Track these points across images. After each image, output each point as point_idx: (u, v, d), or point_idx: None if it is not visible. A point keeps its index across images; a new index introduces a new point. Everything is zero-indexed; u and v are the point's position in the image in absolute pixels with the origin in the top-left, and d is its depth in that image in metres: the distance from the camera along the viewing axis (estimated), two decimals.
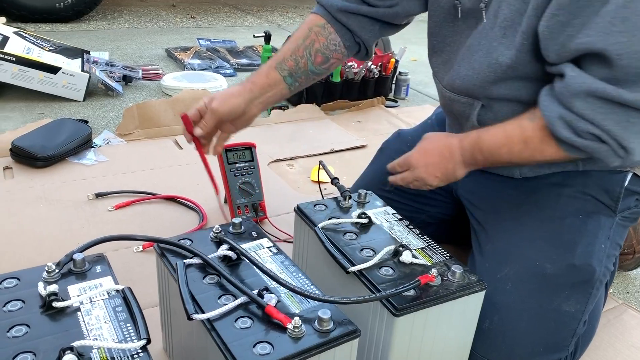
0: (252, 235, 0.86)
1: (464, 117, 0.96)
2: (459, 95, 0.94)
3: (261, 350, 0.64)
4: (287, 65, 1.02)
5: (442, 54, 0.97)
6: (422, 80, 2.48)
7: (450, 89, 0.95)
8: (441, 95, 1.01)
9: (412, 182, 0.96)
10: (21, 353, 0.61)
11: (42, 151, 1.43)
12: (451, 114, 1.02)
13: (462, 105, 0.94)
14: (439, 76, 1.00)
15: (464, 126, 0.97)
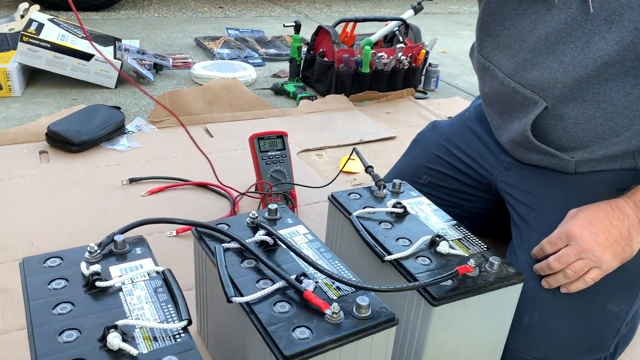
0: (287, 222, 0.86)
1: (517, 113, 0.92)
2: (524, 89, 0.89)
3: (300, 335, 0.64)
4: None
5: (498, 38, 0.92)
6: (452, 73, 2.45)
7: (516, 79, 0.90)
8: (496, 82, 0.95)
9: (575, 261, 0.78)
10: (67, 330, 0.62)
11: (76, 136, 1.45)
12: (501, 106, 0.97)
13: (524, 100, 0.90)
14: (495, 61, 0.94)
15: (511, 125, 0.94)
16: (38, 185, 1.30)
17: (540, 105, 0.88)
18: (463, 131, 1.11)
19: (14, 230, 1.13)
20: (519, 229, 0.94)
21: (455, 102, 2.07)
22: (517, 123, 0.94)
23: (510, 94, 0.93)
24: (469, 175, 1.08)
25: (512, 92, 0.92)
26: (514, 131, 0.95)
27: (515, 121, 0.95)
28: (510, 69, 0.92)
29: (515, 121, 0.95)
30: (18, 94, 1.80)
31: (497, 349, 0.85)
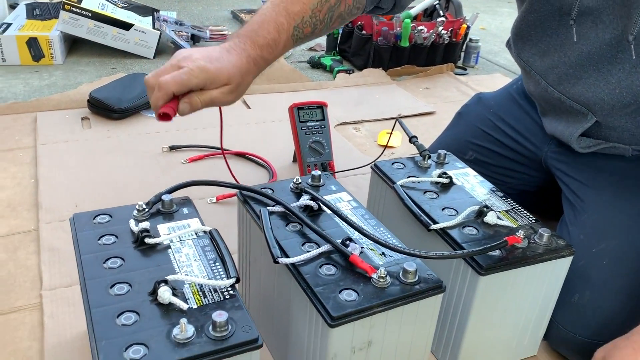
0: (331, 189, 0.86)
1: (566, 117, 0.90)
2: (571, 100, 0.86)
3: (347, 297, 0.64)
4: (304, 31, 0.76)
5: (539, 44, 0.89)
6: (492, 50, 2.39)
7: (560, 90, 0.87)
8: (539, 87, 0.93)
9: None
10: (118, 283, 0.63)
11: (117, 103, 1.46)
12: (548, 106, 0.95)
13: (572, 110, 0.87)
14: (536, 67, 0.91)
15: (558, 124, 0.91)
16: (81, 150, 1.32)
17: (590, 119, 0.86)
18: (510, 105, 1.08)
19: (59, 192, 1.15)
20: (572, 205, 0.91)
21: (496, 78, 2.02)
22: (563, 126, 0.92)
23: (557, 102, 0.91)
24: (516, 151, 1.05)
25: (558, 100, 0.90)
26: (560, 132, 0.94)
27: (562, 123, 0.93)
28: (553, 79, 0.89)
29: (562, 123, 0.93)
30: (60, 62, 1.83)
31: (541, 323, 0.83)
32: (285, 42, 0.73)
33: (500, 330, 0.79)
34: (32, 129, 1.40)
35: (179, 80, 0.65)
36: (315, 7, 0.74)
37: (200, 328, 0.57)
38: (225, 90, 0.69)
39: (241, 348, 0.56)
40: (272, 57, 0.72)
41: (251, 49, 0.70)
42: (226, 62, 0.67)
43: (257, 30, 0.71)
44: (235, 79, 0.68)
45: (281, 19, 0.72)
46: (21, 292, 0.90)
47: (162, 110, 0.64)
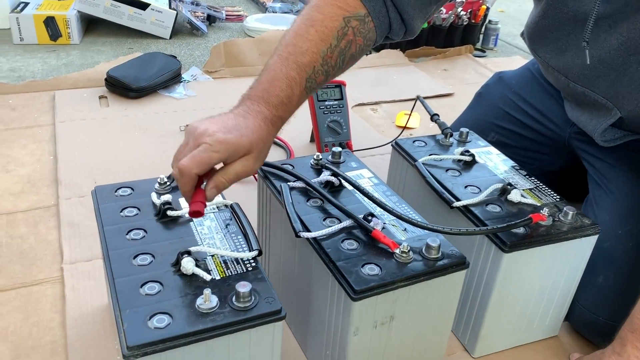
0: (352, 165, 0.85)
1: (590, 109, 0.88)
2: (595, 94, 0.84)
3: (370, 271, 0.63)
4: (317, 81, 0.69)
5: (556, 43, 0.86)
6: (511, 32, 2.35)
7: (583, 84, 0.84)
8: (560, 82, 0.90)
9: None
10: (141, 254, 0.63)
11: (135, 82, 1.46)
12: (571, 97, 0.92)
13: (596, 103, 0.85)
14: (555, 64, 0.88)
15: (581, 115, 0.89)
16: (99, 128, 1.32)
17: (614, 114, 0.84)
18: (532, 84, 1.06)
19: (78, 169, 1.16)
20: (598, 185, 0.89)
21: (515, 61, 1.99)
22: (586, 118, 0.90)
23: (580, 95, 0.88)
24: (539, 132, 1.03)
25: (582, 94, 0.87)
26: (582, 123, 0.91)
27: (585, 114, 0.90)
28: (574, 74, 0.86)
29: (585, 114, 0.90)
30: (77, 42, 1.83)
31: (564, 304, 0.82)
32: (299, 96, 0.67)
33: (522, 309, 0.79)
34: (50, 107, 1.41)
35: (199, 160, 0.59)
36: (325, 54, 0.68)
37: (224, 299, 0.57)
38: (249, 161, 0.62)
39: (265, 319, 0.56)
40: (288, 114, 0.67)
41: (266, 109, 0.64)
42: (244, 128, 0.62)
43: (268, 89, 0.65)
44: (256, 145, 0.62)
45: (292, 73, 0.66)
46: (43, 266, 0.91)
47: (192, 209, 0.58)
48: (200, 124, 0.62)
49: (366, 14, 0.70)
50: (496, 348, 0.82)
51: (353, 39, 0.69)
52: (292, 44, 0.68)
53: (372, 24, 0.71)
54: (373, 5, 0.70)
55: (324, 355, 0.71)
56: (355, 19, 0.69)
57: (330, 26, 0.68)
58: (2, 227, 0.98)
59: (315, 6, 0.69)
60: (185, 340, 0.53)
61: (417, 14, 0.73)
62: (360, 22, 0.69)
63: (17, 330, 0.79)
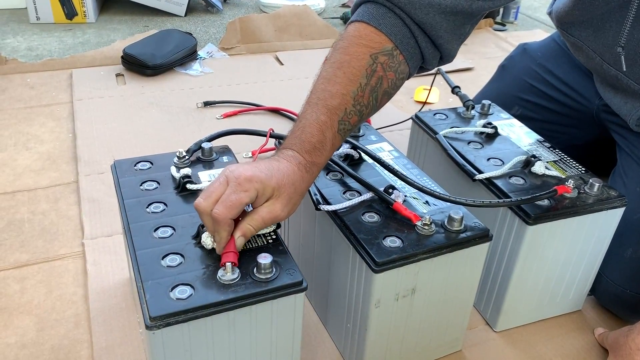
0: (371, 139, 0.84)
1: (622, 93, 0.85)
2: (628, 79, 0.81)
3: (391, 243, 0.63)
4: (351, 122, 0.67)
5: (593, 22, 0.83)
6: (532, 5, 2.30)
7: (617, 67, 0.82)
8: (593, 62, 0.88)
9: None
10: (162, 227, 0.63)
11: (151, 59, 1.45)
12: (602, 79, 0.90)
13: (628, 89, 0.82)
14: (589, 43, 0.86)
15: (614, 98, 0.86)
16: (116, 106, 1.32)
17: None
18: (558, 55, 1.03)
19: (97, 146, 1.16)
20: (629, 156, 0.87)
21: (536, 34, 1.94)
22: (619, 100, 0.87)
23: (613, 78, 0.85)
24: (566, 105, 1.00)
25: (615, 77, 0.84)
26: (615, 105, 0.89)
27: (618, 96, 0.87)
28: (610, 57, 0.82)
29: (618, 96, 0.87)
30: (92, 20, 1.83)
31: (588, 277, 0.81)
32: (332, 139, 0.65)
33: (545, 283, 0.77)
34: (68, 85, 1.41)
35: (230, 204, 0.56)
36: (356, 95, 0.66)
37: (245, 270, 0.57)
38: (275, 205, 0.59)
39: (286, 290, 0.56)
40: (323, 159, 0.64)
41: (299, 155, 0.62)
42: (275, 170, 0.60)
43: (300, 136, 0.63)
44: (285, 188, 0.60)
45: (323, 118, 0.64)
46: (64, 241, 0.91)
47: (224, 261, 0.56)
48: (234, 167, 0.60)
49: (393, 47, 0.67)
50: (518, 322, 0.81)
51: (383, 75, 0.67)
52: (321, 89, 0.66)
53: (402, 56, 0.68)
54: (400, 38, 0.67)
55: (345, 328, 0.71)
56: (383, 54, 0.66)
57: (357, 65, 0.66)
58: (24, 204, 0.99)
59: (341, 48, 0.67)
60: (207, 311, 0.53)
61: (451, 37, 0.70)
62: (388, 56, 0.67)
63: (41, 303, 0.80)
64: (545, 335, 0.81)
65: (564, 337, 0.80)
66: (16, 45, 1.63)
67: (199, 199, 0.58)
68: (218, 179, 0.59)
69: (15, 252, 0.88)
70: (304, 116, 0.65)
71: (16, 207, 0.98)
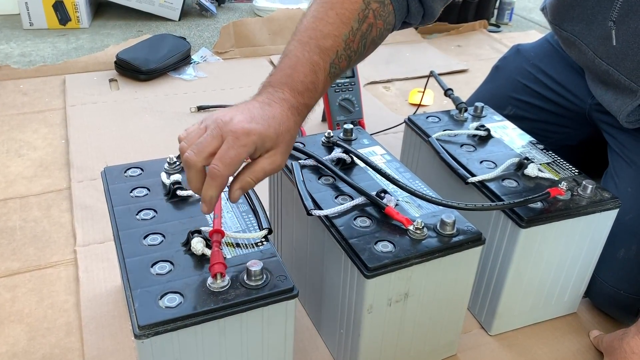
0: (363, 143, 0.83)
1: (613, 89, 0.85)
2: (619, 74, 0.81)
3: (383, 248, 0.62)
4: (340, 67, 0.65)
5: (584, 15, 0.83)
6: (526, 6, 2.30)
7: (609, 62, 0.82)
8: (585, 58, 0.87)
9: None
10: (151, 234, 0.62)
11: (144, 64, 1.45)
12: (593, 76, 0.90)
13: (619, 84, 0.82)
14: (583, 37, 0.85)
15: (604, 95, 0.86)
16: (110, 111, 1.32)
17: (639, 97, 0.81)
18: (551, 55, 1.03)
19: (90, 152, 1.16)
20: (619, 157, 0.87)
21: (531, 35, 1.94)
22: (610, 97, 0.87)
23: (604, 74, 0.85)
24: (559, 104, 1.00)
25: (606, 72, 0.84)
26: (606, 102, 0.88)
27: (609, 93, 0.87)
28: (602, 51, 0.82)
29: (609, 93, 0.87)
30: (86, 26, 1.82)
31: (583, 279, 0.80)
32: (324, 82, 0.62)
33: (539, 285, 0.77)
34: (61, 91, 1.40)
35: (229, 161, 0.53)
36: (347, 38, 0.64)
37: (235, 278, 0.56)
38: (276, 156, 0.57)
39: (277, 297, 0.55)
40: (314, 101, 0.62)
41: (291, 97, 0.60)
42: (270, 118, 0.56)
43: (291, 75, 0.61)
44: (283, 137, 0.57)
45: (315, 58, 0.61)
46: (56, 248, 0.91)
47: (215, 272, 0.53)
48: (222, 113, 0.56)
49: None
50: (513, 325, 0.81)
51: (374, 22, 0.65)
52: (312, 27, 0.63)
53: (392, 6, 0.67)
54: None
55: (338, 333, 0.71)
56: (375, 1, 0.65)
57: (350, 8, 0.64)
58: (15, 211, 0.99)
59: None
60: (197, 319, 0.53)
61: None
62: (380, 4, 0.66)
63: (32, 312, 0.79)
64: (541, 338, 0.80)
65: (559, 340, 0.80)
66: (9, 51, 1.63)
67: (188, 152, 0.53)
68: (207, 127, 0.54)
69: (7, 260, 0.88)
70: (294, 54, 0.62)
71: (8, 214, 0.98)
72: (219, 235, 0.59)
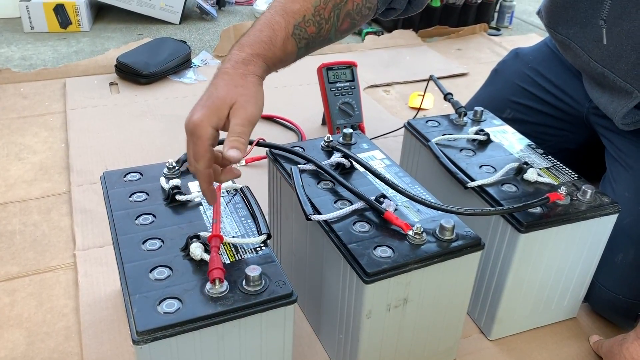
0: (363, 147, 0.83)
1: (609, 91, 0.85)
2: (615, 76, 0.82)
3: (382, 254, 0.62)
4: (307, 31, 0.67)
5: (578, 14, 0.83)
6: (527, 9, 2.30)
7: (604, 65, 0.82)
8: (580, 61, 0.88)
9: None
10: (150, 239, 0.62)
11: (145, 68, 1.45)
12: (589, 79, 0.90)
13: (615, 86, 0.82)
14: (578, 41, 0.86)
15: (600, 97, 0.86)
16: (110, 115, 1.32)
17: (635, 97, 0.81)
18: (550, 59, 1.03)
19: (90, 155, 1.16)
20: (617, 161, 0.87)
21: (531, 39, 1.95)
22: (606, 100, 0.87)
23: (599, 76, 0.85)
24: (557, 107, 1.00)
25: (601, 75, 0.84)
26: (602, 105, 0.88)
27: (605, 95, 0.87)
28: (597, 54, 0.83)
29: (605, 95, 0.87)
30: (86, 29, 1.82)
31: (582, 284, 0.80)
32: (284, 39, 0.65)
33: (539, 290, 0.77)
34: (61, 95, 1.40)
35: (194, 157, 0.59)
36: (318, 5, 0.66)
37: (234, 283, 0.56)
38: (239, 110, 0.60)
39: (275, 302, 0.55)
40: (270, 53, 0.64)
41: (238, 52, 0.63)
42: (213, 90, 0.61)
43: (248, 32, 0.64)
44: (231, 96, 0.60)
45: (277, 18, 0.65)
46: (55, 252, 0.91)
47: (213, 277, 0.55)
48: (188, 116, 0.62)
49: None
50: (513, 330, 0.80)
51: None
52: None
53: None
54: None
55: (337, 338, 0.71)
56: None
57: None
58: (15, 215, 0.99)
59: None
60: (195, 324, 0.53)
61: None
62: None
63: (31, 316, 0.79)
64: (540, 343, 0.80)
65: (559, 345, 0.80)
66: (10, 54, 1.63)
67: None
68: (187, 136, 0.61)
69: (6, 265, 0.88)
70: (259, 18, 0.66)
71: (7, 218, 0.98)
72: (218, 240, 0.59)
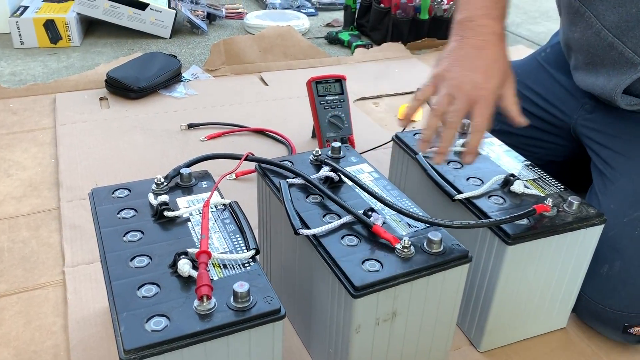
0: (351, 160, 0.84)
1: (608, 70, 0.85)
2: (624, 46, 0.81)
3: (370, 267, 0.62)
4: None
5: None
6: (514, 21, 2.33)
7: (615, 33, 0.81)
8: (590, 31, 0.86)
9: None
10: (138, 256, 0.62)
11: (135, 83, 1.46)
12: (590, 58, 0.89)
13: (620, 59, 0.82)
14: (594, 7, 0.83)
15: (596, 79, 0.87)
16: (100, 130, 1.32)
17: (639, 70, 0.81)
18: (538, 72, 1.04)
19: (79, 171, 1.16)
20: (602, 174, 0.88)
21: (519, 50, 1.97)
22: (604, 79, 0.87)
23: (605, 49, 0.85)
24: (545, 120, 1.01)
25: (609, 46, 0.84)
26: (599, 87, 0.88)
27: (602, 77, 0.88)
28: (611, 20, 0.82)
29: (602, 77, 0.88)
30: (77, 44, 1.83)
31: (571, 295, 0.81)
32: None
33: (528, 301, 0.77)
34: (51, 110, 1.40)
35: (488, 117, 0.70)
36: None
37: (222, 299, 0.56)
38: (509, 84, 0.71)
39: (264, 319, 0.55)
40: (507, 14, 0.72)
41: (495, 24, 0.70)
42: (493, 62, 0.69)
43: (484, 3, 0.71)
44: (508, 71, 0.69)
45: None
46: (44, 269, 0.90)
47: (200, 294, 0.54)
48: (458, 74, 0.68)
49: None
50: (503, 342, 0.81)
51: None
52: None
53: None
54: None
55: (327, 352, 0.70)
56: None
57: None
58: (4, 232, 0.98)
59: None
60: (183, 342, 0.52)
61: None
62: None
63: (19, 335, 0.79)
64: (530, 354, 0.80)
65: (549, 356, 0.80)
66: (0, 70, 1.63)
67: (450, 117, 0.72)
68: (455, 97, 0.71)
69: None
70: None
71: None
72: (206, 257, 0.59)
